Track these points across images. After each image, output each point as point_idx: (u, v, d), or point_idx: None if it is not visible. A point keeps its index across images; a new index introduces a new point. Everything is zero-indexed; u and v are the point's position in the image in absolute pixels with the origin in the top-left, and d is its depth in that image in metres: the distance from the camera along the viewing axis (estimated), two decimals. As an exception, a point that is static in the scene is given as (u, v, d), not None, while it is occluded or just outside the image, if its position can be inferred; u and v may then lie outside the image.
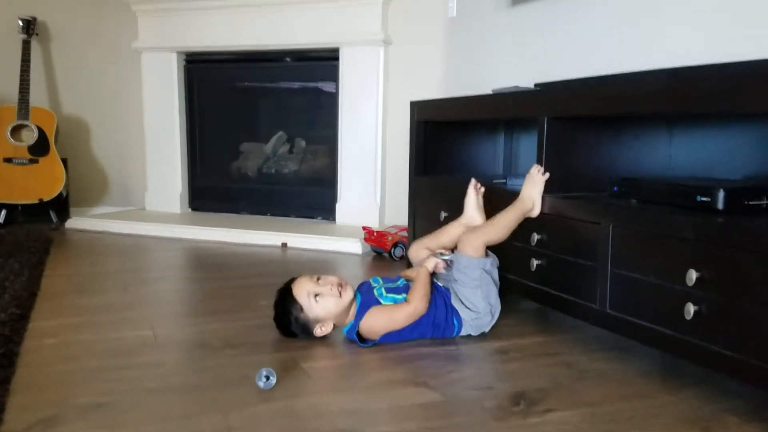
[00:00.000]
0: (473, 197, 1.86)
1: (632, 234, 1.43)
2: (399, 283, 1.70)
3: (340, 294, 1.58)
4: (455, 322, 1.65)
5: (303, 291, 1.58)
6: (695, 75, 1.35)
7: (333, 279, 1.61)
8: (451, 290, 1.69)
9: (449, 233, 1.85)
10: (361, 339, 1.58)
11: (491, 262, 1.69)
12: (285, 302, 1.59)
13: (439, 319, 1.63)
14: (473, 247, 1.67)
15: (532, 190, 1.71)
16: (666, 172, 1.79)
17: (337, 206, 3.35)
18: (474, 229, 1.74)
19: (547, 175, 1.70)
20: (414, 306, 1.59)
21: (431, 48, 3.10)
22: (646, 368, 1.48)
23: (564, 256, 1.64)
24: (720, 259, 1.21)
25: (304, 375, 1.42)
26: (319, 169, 3.62)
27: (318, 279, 1.60)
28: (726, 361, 1.20)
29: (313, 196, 3.54)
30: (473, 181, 1.89)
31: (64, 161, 3.51)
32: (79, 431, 1.13)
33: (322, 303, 1.57)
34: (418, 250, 1.86)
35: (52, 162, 3.44)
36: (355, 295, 1.63)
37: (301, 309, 1.57)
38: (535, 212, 1.72)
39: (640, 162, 1.80)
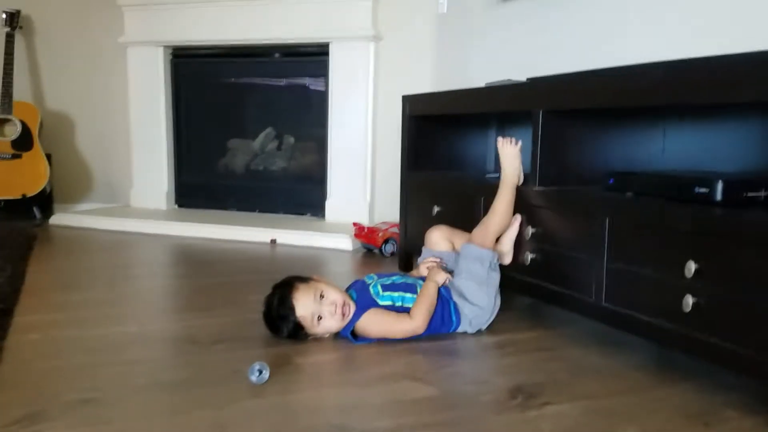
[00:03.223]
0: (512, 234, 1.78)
1: (628, 226, 1.42)
2: (394, 278, 1.66)
3: (343, 315, 1.53)
4: (453, 319, 1.63)
5: (308, 312, 1.51)
6: (691, 66, 1.33)
7: (336, 297, 1.54)
8: (451, 287, 1.66)
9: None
10: (354, 336, 1.56)
11: (496, 257, 1.69)
12: (285, 317, 1.52)
13: (436, 319, 1.60)
14: (484, 242, 1.68)
15: (513, 163, 1.75)
16: (659, 165, 1.78)
17: (327, 203, 3.32)
18: (480, 226, 1.72)
19: (520, 143, 1.75)
20: (416, 325, 1.55)
21: (422, 44, 3.08)
22: (643, 362, 1.47)
23: (559, 250, 1.62)
24: (719, 250, 1.20)
25: (298, 370, 1.39)
26: (308, 165, 3.59)
27: (321, 294, 1.53)
28: (725, 354, 1.19)
29: (302, 193, 3.51)
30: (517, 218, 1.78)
31: (48, 157, 3.45)
32: (65, 428, 1.10)
33: (323, 324, 1.53)
34: (439, 239, 1.83)
35: (35, 157, 3.38)
36: (350, 297, 1.59)
37: (302, 328, 1.53)
38: (521, 181, 1.76)
39: (634, 156, 1.79)
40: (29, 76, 3.70)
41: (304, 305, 1.51)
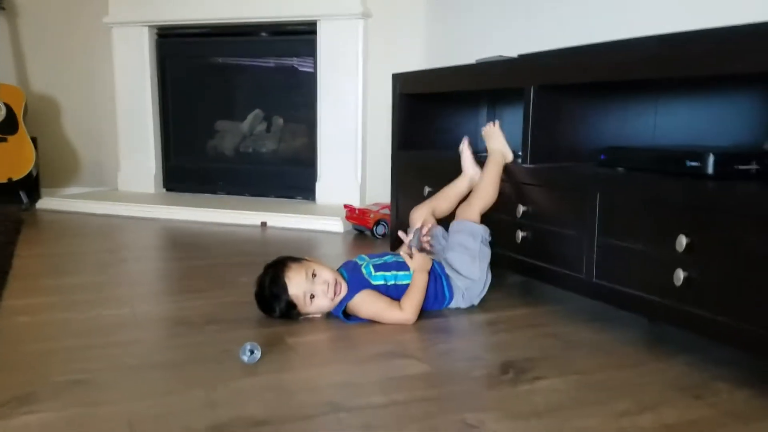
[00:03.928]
0: (468, 155, 1.87)
1: (620, 202, 1.41)
2: (386, 258, 1.66)
3: (335, 293, 1.53)
4: (446, 293, 1.63)
5: (300, 291, 1.51)
6: (683, 39, 1.32)
7: (328, 276, 1.53)
8: (444, 261, 1.67)
9: (448, 197, 1.85)
10: (346, 315, 1.55)
11: (488, 232, 1.71)
12: (278, 297, 1.51)
13: (429, 294, 1.60)
14: (472, 219, 1.71)
15: (496, 143, 1.79)
16: (651, 141, 1.78)
17: (317, 185, 3.30)
18: (466, 203, 1.75)
19: (497, 122, 1.82)
20: (407, 317, 1.54)
21: (412, 21, 3.05)
22: (634, 337, 1.48)
23: (550, 227, 1.62)
24: (710, 224, 1.20)
25: (290, 350, 1.38)
26: (298, 147, 3.56)
27: (313, 273, 1.52)
28: (717, 327, 1.19)
29: (292, 176, 3.48)
30: (465, 138, 1.90)
31: (34, 140, 3.40)
32: (57, 409, 1.09)
33: (316, 303, 1.53)
34: (422, 218, 1.82)
35: (21, 141, 3.33)
36: (342, 276, 1.58)
37: (294, 306, 1.52)
38: (510, 158, 1.78)
39: (626, 132, 1.79)
40: (13, 59, 3.63)
41: (297, 284, 1.51)
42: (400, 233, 1.71)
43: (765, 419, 1.08)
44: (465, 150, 1.88)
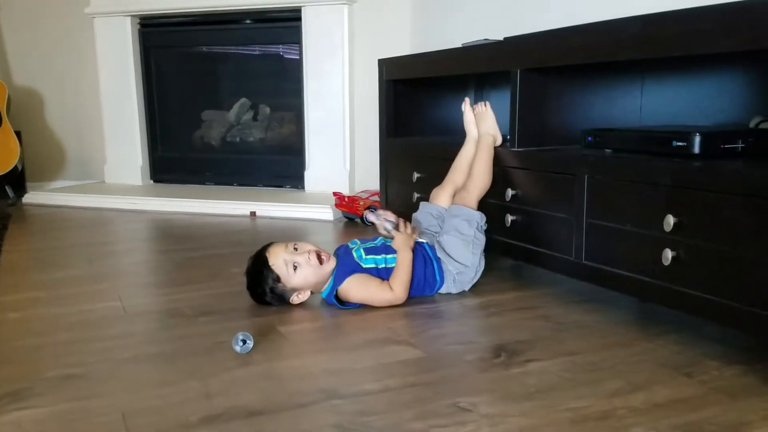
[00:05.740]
0: (469, 115, 1.87)
1: (608, 183, 1.42)
2: (377, 242, 1.66)
3: (320, 262, 1.53)
4: (437, 277, 1.64)
5: (280, 260, 1.52)
6: (667, 19, 1.32)
7: (309, 246, 1.56)
8: (436, 244, 1.68)
9: (462, 169, 1.84)
10: (340, 301, 1.56)
11: (484, 219, 1.71)
12: (260, 272, 1.53)
13: (419, 278, 1.61)
14: (470, 205, 1.72)
15: (487, 125, 1.80)
16: (637, 122, 1.79)
17: (306, 173, 3.29)
18: (463, 189, 1.76)
19: (488, 103, 1.83)
20: (396, 296, 1.55)
21: (397, 5, 3.03)
22: (624, 318, 1.49)
23: (539, 210, 1.63)
24: (697, 203, 1.21)
25: (282, 338, 1.39)
26: (285, 136, 3.54)
27: (294, 247, 1.54)
28: (706, 305, 1.20)
29: (280, 165, 3.47)
30: (467, 99, 1.91)
31: (18, 134, 3.36)
32: (52, 403, 1.09)
33: (300, 272, 1.53)
34: (445, 199, 1.85)
35: (5, 135, 3.29)
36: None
37: (278, 279, 1.53)
38: (499, 141, 1.80)
39: (612, 114, 1.79)
40: (-7, 52, 3.59)
41: (277, 254, 1.53)
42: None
43: (753, 395, 1.10)
44: (467, 111, 1.88)
